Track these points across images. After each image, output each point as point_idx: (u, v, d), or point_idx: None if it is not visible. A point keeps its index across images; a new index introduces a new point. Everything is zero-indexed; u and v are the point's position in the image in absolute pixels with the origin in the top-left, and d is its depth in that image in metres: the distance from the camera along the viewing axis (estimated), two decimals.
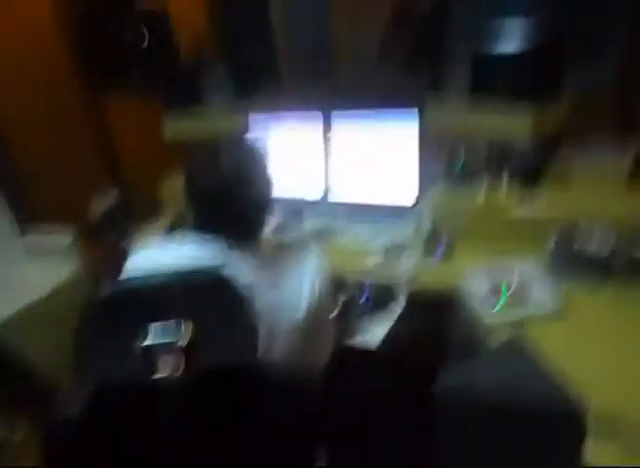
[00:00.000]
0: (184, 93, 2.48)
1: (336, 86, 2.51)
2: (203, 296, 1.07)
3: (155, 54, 2.80)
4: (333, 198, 2.15)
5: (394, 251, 1.89)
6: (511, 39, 1.79)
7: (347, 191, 2.13)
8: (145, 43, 2.79)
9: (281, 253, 1.38)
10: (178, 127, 2.50)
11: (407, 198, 2.00)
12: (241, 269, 1.18)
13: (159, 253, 1.28)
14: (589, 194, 1.81)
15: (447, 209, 1.94)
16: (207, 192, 1.21)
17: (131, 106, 3.13)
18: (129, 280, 1.13)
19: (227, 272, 1.09)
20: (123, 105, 3.09)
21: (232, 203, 1.22)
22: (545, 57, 1.76)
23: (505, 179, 1.96)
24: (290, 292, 1.24)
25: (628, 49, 2.12)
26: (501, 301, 1.51)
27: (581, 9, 2.41)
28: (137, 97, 2.95)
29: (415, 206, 1.97)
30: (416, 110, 1.91)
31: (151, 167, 3.12)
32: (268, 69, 2.95)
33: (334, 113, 2.08)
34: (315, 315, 1.26)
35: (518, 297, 1.51)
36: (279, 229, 2.13)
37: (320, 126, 2.11)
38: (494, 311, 1.49)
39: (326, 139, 2.11)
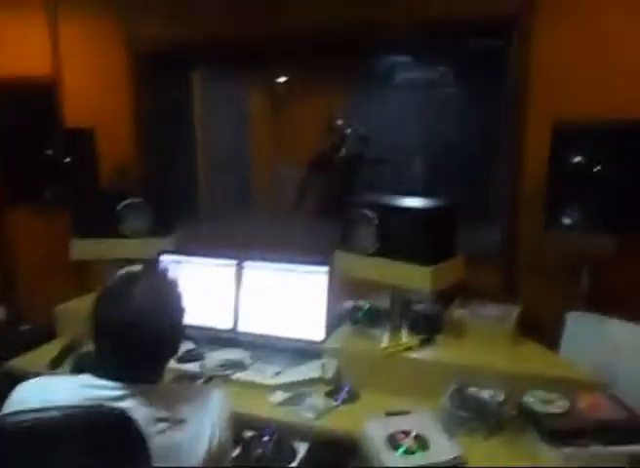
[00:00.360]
0: (99, 217, 2.46)
1: (251, 238, 2.67)
2: (99, 436, 1.00)
3: (75, 173, 2.83)
4: (242, 328, 2.17)
5: (300, 390, 1.89)
6: (413, 202, 2.05)
7: (257, 324, 2.16)
8: (67, 160, 2.82)
9: (184, 390, 1.35)
10: (87, 249, 2.44)
11: (314, 337, 2.06)
12: (142, 405, 1.13)
13: (51, 386, 1.21)
14: (481, 345, 1.96)
15: (351, 352, 2.00)
16: (115, 323, 1.19)
17: (38, 223, 3.07)
18: (15, 414, 1.04)
19: (127, 409, 1.04)
20: (30, 220, 3.03)
21: (140, 336, 1.19)
22: (442, 219, 1.99)
23: (406, 326, 2.09)
24: (192, 430, 1.19)
25: (508, 218, 2.47)
26: (402, 448, 1.53)
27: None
28: (47, 214, 2.91)
29: (322, 344, 2.03)
30: (326, 264, 2.09)
31: (49, 287, 3.00)
32: (188, 209, 3.08)
33: (247, 262, 2.21)
34: (217, 454, 1.21)
35: (418, 444, 1.54)
36: (186, 359, 2.07)
37: (234, 266, 2.20)
38: (395, 457, 1.50)
39: (238, 276, 2.19)
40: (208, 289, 2.24)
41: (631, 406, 1.64)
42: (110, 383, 1.17)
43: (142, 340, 1.19)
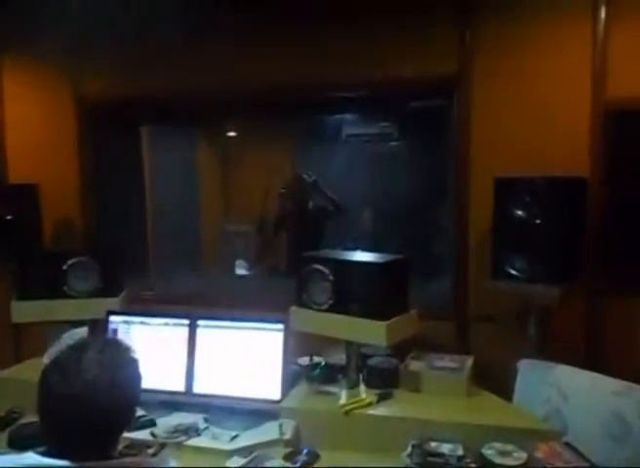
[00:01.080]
0: (43, 277, 2.36)
1: (203, 296, 2.64)
2: None
3: (18, 231, 2.73)
4: (196, 390, 2.09)
5: (258, 453, 1.82)
6: (367, 257, 2.08)
7: (211, 385, 2.10)
8: (9, 218, 2.72)
9: (135, 464, 1.28)
10: (30, 311, 2.32)
11: (271, 396, 2.01)
12: None
13: None
14: (438, 397, 1.98)
15: (309, 411, 1.97)
16: (63, 397, 1.12)
17: None
18: None
19: None
20: None
21: (91, 410, 1.12)
22: (395, 273, 2.03)
23: (364, 382, 2.08)
24: None
25: (457, 269, 2.54)
26: None
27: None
28: None
29: (278, 404, 1.98)
30: (281, 321, 2.07)
31: None
32: (136, 267, 3.01)
33: (200, 321, 2.16)
34: None
35: None
36: (135, 426, 1.96)
37: (186, 325, 2.15)
38: None
39: (191, 336, 2.13)
40: (159, 349, 2.16)
41: (584, 452, 1.68)
42: (58, 462, 1.10)
43: (94, 414, 1.13)
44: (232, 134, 5.33)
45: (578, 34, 2.31)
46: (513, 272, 2.11)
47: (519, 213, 2.10)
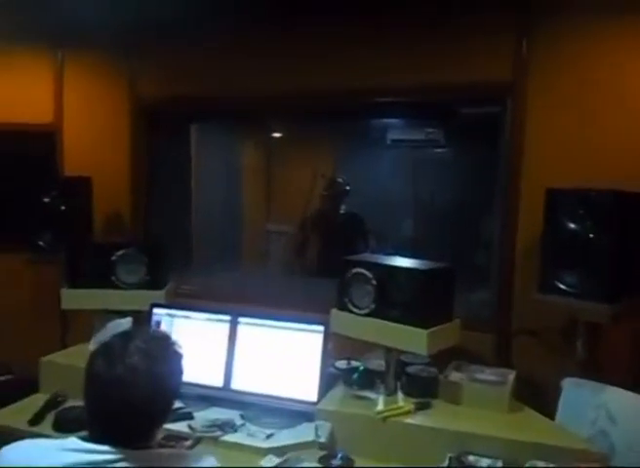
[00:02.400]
0: (92, 267, 2.43)
1: (245, 294, 2.67)
2: None
3: (70, 221, 2.82)
4: (234, 387, 2.11)
5: (292, 454, 1.83)
6: (412, 263, 2.06)
7: (249, 382, 2.11)
8: (63, 208, 2.81)
9: (177, 457, 1.31)
10: (78, 299, 2.40)
11: (308, 397, 2.01)
12: None
13: (39, 451, 1.16)
14: (478, 410, 1.93)
15: (346, 415, 1.95)
16: (108, 382, 1.15)
17: (28, 271, 3.03)
18: None
19: None
20: (20, 268, 2.98)
21: (134, 396, 1.15)
22: (441, 282, 2.00)
23: (402, 389, 2.06)
24: None
25: (501, 281, 2.49)
26: None
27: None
28: (38, 263, 2.88)
29: (315, 406, 1.98)
30: (321, 323, 2.08)
31: (34, 337, 2.92)
32: (181, 261, 3.07)
33: (241, 318, 2.18)
34: None
35: None
36: (173, 418, 1.99)
37: (228, 321, 2.17)
38: None
39: (232, 332, 2.15)
40: (200, 344, 2.19)
41: None
42: (100, 447, 1.13)
43: (134, 400, 1.16)
44: (277, 134, 5.37)
45: (635, 46, 2.23)
46: (563, 287, 2.04)
47: (572, 225, 2.03)
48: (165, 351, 1.26)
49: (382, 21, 2.56)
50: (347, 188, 4.17)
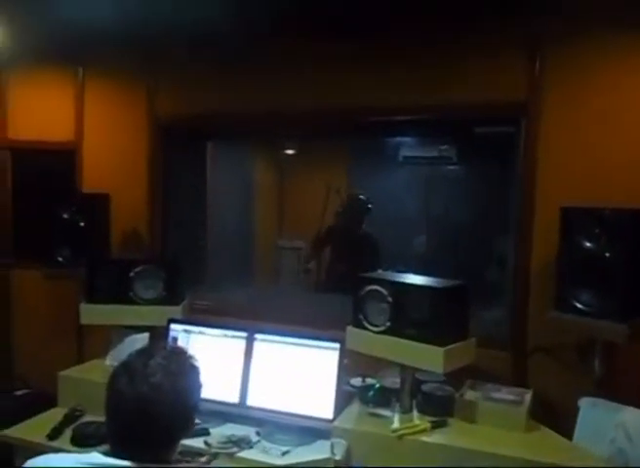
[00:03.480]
0: (111, 282, 2.47)
1: (261, 313, 2.69)
2: None
3: (89, 237, 2.86)
4: (250, 403, 2.12)
5: None
6: (428, 281, 2.07)
7: (265, 399, 2.12)
8: (82, 224, 2.86)
9: None
10: (96, 313, 2.43)
11: (323, 414, 2.02)
12: None
13: (62, 463, 1.19)
14: (495, 430, 1.93)
15: (361, 433, 1.95)
16: (129, 398, 1.18)
17: (47, 285, 3.07)
18: None
19: None
20: (39, 283, 3.02)
21: (154, 412, 1.18)
22: (457, 299, 2.01)
23: (417, 407, 2.06)
24: None
25: (517, 299, 2.48)
26: None
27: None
28: (57, 277, 2.92)
29: (331, 423, 1.98)
30: (337, 340, 2.09)
31: (52, 351, 2.96)
32: (197, 278, 3.09)
33: (258, 335, 2.20)
34: None
35: None
36: (193, 433, 2.00)
37: (244, 338, 2.19)
38: None
39: (248, 348, 2.17)
40: (216, 360, 2.21)
41: None
42: (122, 462, 1.15)
43: (157, 417, 1.18)
44: (290, 151, 5.43)
45: None
46: (579, 305, 2.03)
47: (587, 244, 2.03)
48: (184, 367, 1.29)
49: (397, 40, 2.59)
50: (369, 206, 4.12)
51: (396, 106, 2.65)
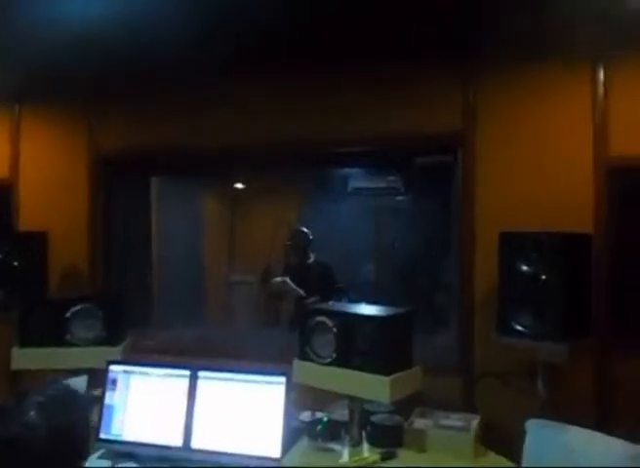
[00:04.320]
0: (46, 324, 2.35)
1: (206, 348, 2.62)
2: None
3: (24, 277, 2.74)
4: (194, 445, 2.03)
5: None
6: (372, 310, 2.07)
7: (209, 440, 2.03)
8: (16, 264, 2.74)
9: None
10: (29, 358, 2.30)
11: (271, 453, 1.95)
12: None
13: None
14: (444, 458, 1.91)
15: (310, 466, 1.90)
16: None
17: None
18: None
19: None
20: None
21: (26, 455, 1.08)
22: (400, 327, 2.01)
23: (367, 439, 2.02)
24: None
25: (462, 325, 2.51)
26: None
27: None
28: None
29: (278, 462, 1.91)
30: (283, 374, 2.02)
31: None
32: (140, 317, 2.99)
33: (201, 372, 2.11)
34: None
35: None
36: None
37: (187, 377, 2.11)
38: None
39: (191, 388, 2.09)
40: (158, 401, 2.11)
41: None
42: None
43: (31, 458, 1.08)
44: (240, 185, 5.41)
45: (578, 94, 2.38)
46: (519, 328, 2.08)
47: (524, 268, 2.09)
48: (64, 402, 1.19)
49: (339, 74, 2.66)
50: (311, 238, 4.17)
51: (341, 138, 2.69)
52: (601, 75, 2.34)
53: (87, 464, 1.25)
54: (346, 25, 2.23)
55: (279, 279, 3.91)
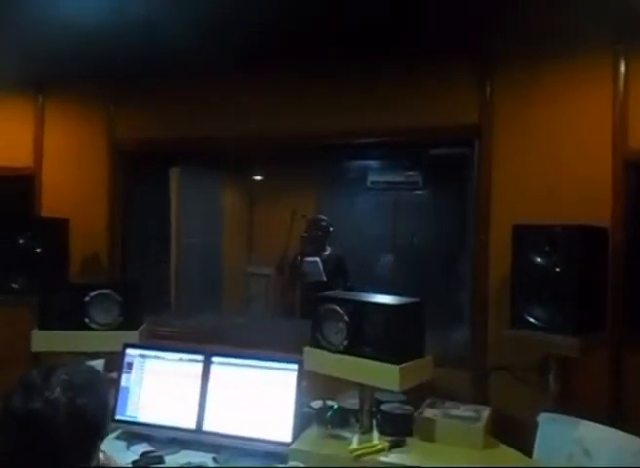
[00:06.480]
0: (65, 308, 2.41)
1: (226, 338, 2.66)
2: None
3: (45, 263, 2.80)
4: (207, 428, 2.07)
5: None
6: (383, 299, 2.08)
7: (222, 424, 2.07)
8: (38, 250, 2.80)
9: None
10: (49, 340, 2.37)
11: (282, 438, 1.98)
12: None
13: None
14: (453, 448, 1.92)
15: (319, 455, 1.92)
16: (23, 415, 1.11)
17: (1, 313, 2.99)
18: None
19: None
20: None
21: (50, 430, 1.11)
22: (412, 316, 2.02)
23: (376, 427, 2.04)
24: None
25: (476, 318, 2.50)
26: None
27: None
28: (12, 305, 2.84)
29: (289, 446, 1.94)
30: (295, 361, 2.06)
31: (3, 380, 2.85)
32: (157, 302, 3.05)
33: (214, 358, 2.15)
34: None
35: None
36: (143, 462, 1.94)
37: (201, 361, 2.15)
38: None
39: (205, 372, 2.13)
40: (172, 384, 2.16)
41: None
42: None
43: (48, 437, 1.11)
44: (258, 178, 5.45)
45: (598, 85, 2.34)
46: (533, 321, 2.06)
47: (538, 260, 2.08)
48: (89, 382, 1.21)
49: (352, 65, 2.66)
50: (330, 229, 4.15)
51: (359, 130, 2.70)
52: (622, 67, 2.30)
53: (103, 445, 1.28)
54: (362, 19, 2.23)
55: (312, 259, 3.92)
